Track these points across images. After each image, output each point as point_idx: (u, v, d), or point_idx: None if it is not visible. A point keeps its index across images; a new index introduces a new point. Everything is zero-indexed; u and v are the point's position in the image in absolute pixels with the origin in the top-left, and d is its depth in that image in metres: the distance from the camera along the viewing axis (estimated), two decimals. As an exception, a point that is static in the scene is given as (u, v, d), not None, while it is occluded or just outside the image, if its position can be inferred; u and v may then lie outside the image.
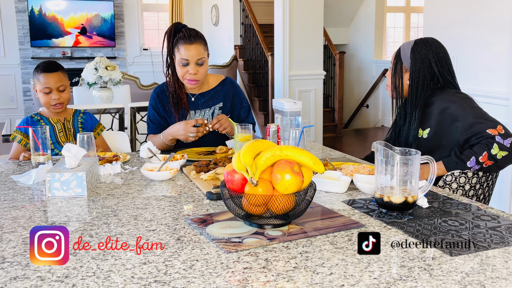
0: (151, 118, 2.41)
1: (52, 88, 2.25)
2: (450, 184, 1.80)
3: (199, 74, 2.28)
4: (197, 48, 2.26)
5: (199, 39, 2.28)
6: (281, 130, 2.24)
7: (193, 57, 2.25)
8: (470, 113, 1.81)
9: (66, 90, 2.31)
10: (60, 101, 2.28)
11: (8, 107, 8.31)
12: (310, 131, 5.67)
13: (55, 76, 2.26)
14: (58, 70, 2.29)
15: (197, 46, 2.26)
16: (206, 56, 2.31)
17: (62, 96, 2.28)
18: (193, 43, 2.25)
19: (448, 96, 1.89)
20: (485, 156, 1.72)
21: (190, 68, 2.26)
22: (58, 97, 2.26)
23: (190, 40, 2.26)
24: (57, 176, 1.57)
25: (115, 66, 4.59)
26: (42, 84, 2.25)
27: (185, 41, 2.25)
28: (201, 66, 2.28)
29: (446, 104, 1.86)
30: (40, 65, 2.29)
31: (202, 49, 2.28)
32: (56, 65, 2.31)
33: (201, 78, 2.31)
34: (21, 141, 2.25)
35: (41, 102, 2.29)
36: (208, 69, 2.36)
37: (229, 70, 7.40)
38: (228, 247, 1.13)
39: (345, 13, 8.27)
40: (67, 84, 2.33)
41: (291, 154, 1.26)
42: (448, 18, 3.52)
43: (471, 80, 3.34)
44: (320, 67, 5.84)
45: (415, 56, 1.94)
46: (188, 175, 1.82)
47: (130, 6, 8.76)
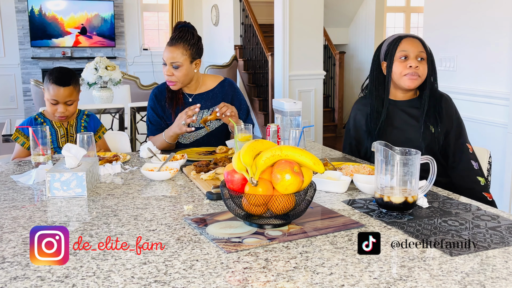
0: (150, 119, 2.41)
1: (60, 102, 2.20)
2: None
3: (174, 76, 2.28)
4: (174, 51, 2.25)
5: (182, 43, 2.26)
6: (281, 130, 2.24)
7: (168, 59, 2.27)
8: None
9: (74, 104, 2.25)
10: (65, 114, 2.23)
11: (8, 107, 8.31)
12: (310, 131, 5.67)
13: (65, 91, 2.19)
14: (71, 84, 2.20)
15: (175, 49, 2.25)
16: (183, 62, 2.26)
17: (68, 109, 2.23)
18: (172, 45, 2.27)
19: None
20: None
21: (165, 69, 2.29)
22: (63, 110, 2.22)
23: (172, 42, 2.28)
24: (57, 176, 1.57)
25: (115, 66, 4.60)
26: (51, 95, 2.19)
27: (168, 42, 2.30)
28: (176, 70, 2.27)
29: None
30: (53, 73, 2.20)
31: (179, 54, 2.25)
32: (70, 77, 2.21)
33: (176, 80, 2.30)
34: (24, 144, 2.23)
35: (47, 108, 2.26)
36: (189, 74, 2.32)
37: (229, 70, 7.40)
38: (228, 247, 1.13)
39: (345, 13, 8.26)
40: (77, 98, 2.26)
41: (291, 154, 1.26)
42: (448, 18, 3.52)
43: (471, 80, 3.34)
44: (320, 67, 5.84)
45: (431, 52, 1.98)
46: (188, 175, 1.82)
47: (130, 6, 8.76)
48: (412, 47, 1.90)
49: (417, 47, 1.90)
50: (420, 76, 1.90)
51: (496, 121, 3.18)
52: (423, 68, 1.90)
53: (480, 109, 3.25)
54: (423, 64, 1.90)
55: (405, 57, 1.90)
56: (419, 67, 1.89)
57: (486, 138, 3.19)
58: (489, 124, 3.22)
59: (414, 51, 1.90)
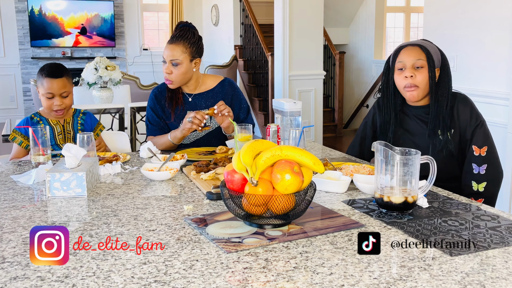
0: (150, 119, 2.41)
1: (55, 94, 2.22)
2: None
3: (173, 74, 2.28)
4: (174, 49, 2.26)
5: (182, 41, 2.27)
6: (281, 130, 2.24)
7: (168, 57, 2.27)
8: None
9: (69, 96, 2.27)
10: (62, 107, 2.25)
11: (8, 107, 8.31)
12: (310, 131, 5.67)
13: (59, 82, 2.22)
14: (63, 75, 2.24)
15: (175, 47, 2.26)
16: (182, 60, 2.27)
17: (64, 102, 2.25)
18: (172, 43, 2.28)
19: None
20: None
21: (164, 67, 2.29)
22: (60, 103, 2.23)
23: (172, 40, 2.29)
24: (57, 176, 1.57)
25: (115, 66, 4.60)
26: (45, 88, 2.21)
27: (169, 40, 2.31)
28: (175, 67, 2.27)
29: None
30: (45, 68, 2.25)
31: (179, 51, 2.26)
32: (61, 69, 2.26)
33: (174, 79, 2.29)
34: (21, 143, 2.25)
35: (43, 105, 2.27)
36: (188, 73, 2.32)
37: (229, 70, 7.40)
38: (228, 247, 1.13)
39: (345, 13, 8.27)
40: (71, 90, 2.29)
41: (291, 154, 1.26)
42: (448, 18, 3.52)
43: (471, 80, 3.34)
44: (320, 67, 5.84)
45: (442, 52, 1.92)
46: (188, 175, 1.82)
47: (130, 6, 8.76)
48: (408, 56, 1.86)
49: (414, 56, 1.85)
50: (419, 86, 1.85)
51: (496, 121, 3.18)
52: (420, 76, 1.84)
53: (480, 109, 3.23)
54: (420, 72, 1.85)
55: (402, 68, 1.88)
56: (414, 76, 1.84)
57: (486, 138, 3.18)
58: (489, 124, 3.20)
59: (410, 60, 1.85)
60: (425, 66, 1.85)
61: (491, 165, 1.86)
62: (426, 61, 1.85)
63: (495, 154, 1.89)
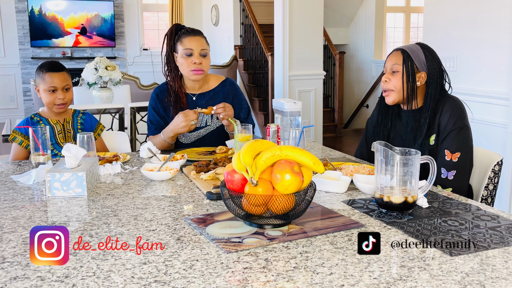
0: (151, 119, 2.41)
1: (58, 88, 2.26)
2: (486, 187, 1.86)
3: (204, 64, 2.34)
4: (200, 39, 2.34)
5: (201, 34, 2.39)
6: (281, 130, 2.24)
7: (197, 47, 2.32)
8: None
9: (70, 90, 2.33)
10: (65, 101, 2.30)
11: (8, 107, 8.31)
12: (310, 131, 5.67)
13: (60, 76, 2.28)
14: (63, 70, 2.32)
15: (200, 38, 2.35)
16: (208, 50, 2.37)
17: (66, 96, 2.30)
18: (196, 35, 2.35)
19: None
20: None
21: (194, 58, 2.31)
22: (63, 96, 2.28)
23: (194, 33, 2.36)
24: (57, 176, 1.57)
25: (115, 66, 4.59)
26: (47, 83, 2.26)
27: (188, 34, 2.35)
28: (204, 58, 2.34)
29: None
30: (44, 65, 2.31)
31: (205, 42, 2.37)
32: (61, 65, 2.33)
33: (205, 69, 2.36)
34: (21, 142, 2.25)
35: (44, 101, 2.29)
36: (210, 66, 2.40)
37: (229, 70, 7.40)
38: (228, 247, 1.13)
39: (345, 13, 8.27)
40: (71, 84, 2.35)
41: (291, 154, 1.26)
42: (448, 18, 3.52)
43: (471, 80, 3.34)
44: (320, 67, 5.84)
45: (433, 57, 1.89)
46: (188, 175, 1.82)
47: (130, 6, 8.76)
48: (389, 61, 1.91)
49: (392, 60, 1.89)
50: (394, 90, 1.89)
51: (496, 121, 3.18)
52: (395, 80, 1.88)
53: (480, 109, 3.25)
54: (395, 77, 1.88)
55: (384, 73, 1.93)
56: (389, 80, 1.89)
57: (486, 138, 3.19)
58: (489, 124, 3.22)
59: (389, 65, 1.91)
60: (399, 71, 1.87)
61: (460, 173, 1.80)
62: (402, 65, 1.86)
63: (467, 164, 1.82)
